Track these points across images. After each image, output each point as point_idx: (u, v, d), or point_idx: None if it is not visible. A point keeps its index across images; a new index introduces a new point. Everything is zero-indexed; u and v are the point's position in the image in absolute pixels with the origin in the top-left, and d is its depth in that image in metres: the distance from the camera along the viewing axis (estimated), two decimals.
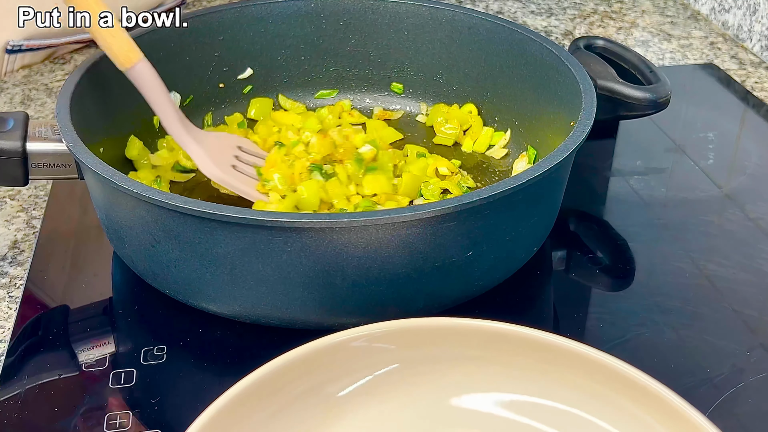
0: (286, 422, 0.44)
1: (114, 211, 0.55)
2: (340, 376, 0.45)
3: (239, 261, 0.50)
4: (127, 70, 0.61)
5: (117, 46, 0.60)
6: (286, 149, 0.67)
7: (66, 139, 0.54)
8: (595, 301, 0.61)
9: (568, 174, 0.60)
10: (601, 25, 1.02)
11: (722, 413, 0.50)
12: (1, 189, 0.70)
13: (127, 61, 0.60)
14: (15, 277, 0.61)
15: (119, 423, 0.49)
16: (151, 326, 0.56)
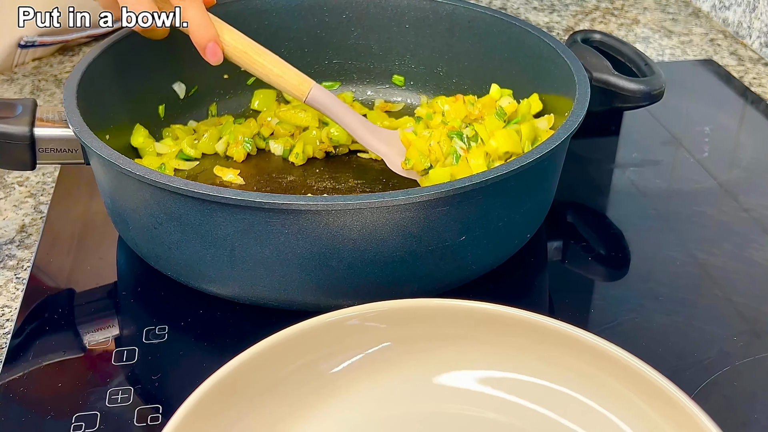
0: (282, 397, 0.46)
1: (118, 194, 0.56)
2: (334, 354, 0.47)
3: (238, 243, 0.51)
4: (306, 101, 0.66)
5: (289, 84, 0.65)
6: (423, 123, 0.69)
7: (72, 124, 0.56)
8: (590, 289, 0.62)
9: (561, 162, 0.61)
10: (602, 22, 1.03)
11: (708, 395, 0.51)
12: (10, 176, 0.72)
13: (301, 94, 0.65)
14: (22, 259, 0.62)
15: (121, 398, 0.50)
16: (154, 307, 0.58)
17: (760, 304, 0.59)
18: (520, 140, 0.64)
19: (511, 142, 0.64)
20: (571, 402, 0.46)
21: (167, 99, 0.73)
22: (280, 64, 0.66)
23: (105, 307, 0.58)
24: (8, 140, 0.57)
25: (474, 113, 0.67)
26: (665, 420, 0.43)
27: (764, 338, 0.56)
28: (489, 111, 0.67)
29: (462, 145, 0.64)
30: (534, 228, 0.61)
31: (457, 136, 0.64)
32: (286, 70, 0.66)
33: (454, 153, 0.64)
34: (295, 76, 0.66)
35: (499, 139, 0.64)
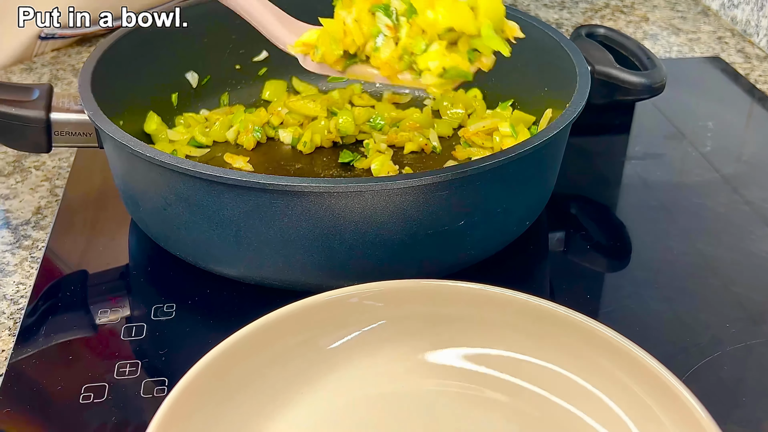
0: (282, 370, 0.47)
1: (130, 176, 0.58)
2: (332, 331, 0.49)
3: (244, 223, 0.53)
4: None
5: None
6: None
7: (87, 108, 0.58)
8: (589, 277, 0.63)
9: (561, 151, 0.63)
10: (611, 19, 1.04)
11: (698, 377, 0.52)
12: (28, 160, 0.74)
13: None
14: (37, 239, 0.64)
15: (129, 371, 0.52)
16: (163, 286, 0.60)
17: (755, 294, 0.60)
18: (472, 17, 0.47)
19: (458, 16, 0.47)
20: (562, 380, 0.47)
21: (180, 88, 0.75)
22: None
23: (116, 287, 0.60)
24: (25, 123, 0.59)
25: None
26: (653, 399, 0.44)
27: (757, 326, 0.57)
28: None
29: (387, 23, 0.49)
30: (533, 216, 0.62)
31: (383, 10, 0.49)
32: None
33: (378, 35, 0.49)
34: None
35: (441, 8, 0.47)
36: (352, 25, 0.50)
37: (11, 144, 0.60)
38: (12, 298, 0.58)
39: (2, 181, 0.71)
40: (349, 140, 0.74)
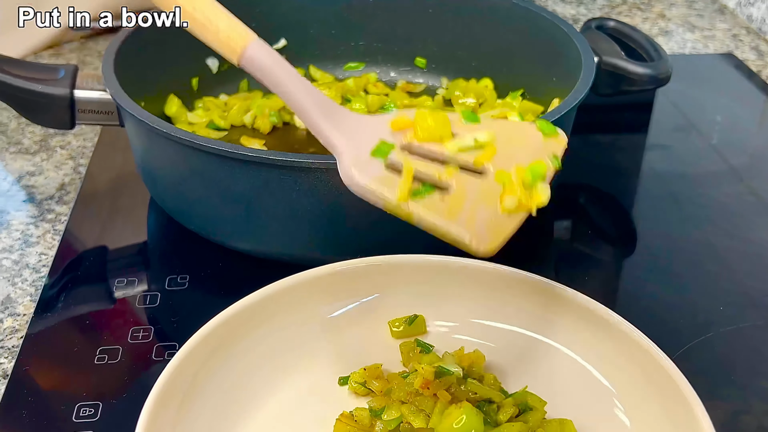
0: (284, 336, 0.50)
1: (148, 152, 0.61)
2: (332, 301, 0.51)
3: (254, 198, 0.56)
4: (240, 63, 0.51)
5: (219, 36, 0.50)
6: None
7: (109, 87, 0.61)
8: (591, 263, 0.65)
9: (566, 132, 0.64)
10: (628, 15, 1.06)
11: (689, 356, 0.54)
12: (53, 140, 0.77)
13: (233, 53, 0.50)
14: (60, 213, 0.67)
15: (142, 336, 0.55)
16: (177, 259, 0.62)
17: (751, 280, 0.61)
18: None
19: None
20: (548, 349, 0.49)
21: (201, 73, 0.78)
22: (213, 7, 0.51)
23: (134, 260, 0.63)
24: (50, 100, 0.62)
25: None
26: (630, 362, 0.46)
27: (750, 309, 0.58)
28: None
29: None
30: None
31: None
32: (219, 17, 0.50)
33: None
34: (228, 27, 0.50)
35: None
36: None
37: (37, 120, 0.63)
38: (34, 267, 0.61)
39: (28, 158, 0.75)
40: None
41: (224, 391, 0.46)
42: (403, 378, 0.48)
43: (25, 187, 0.71)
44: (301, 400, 0.48)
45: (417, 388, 0.46)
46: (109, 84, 0.61)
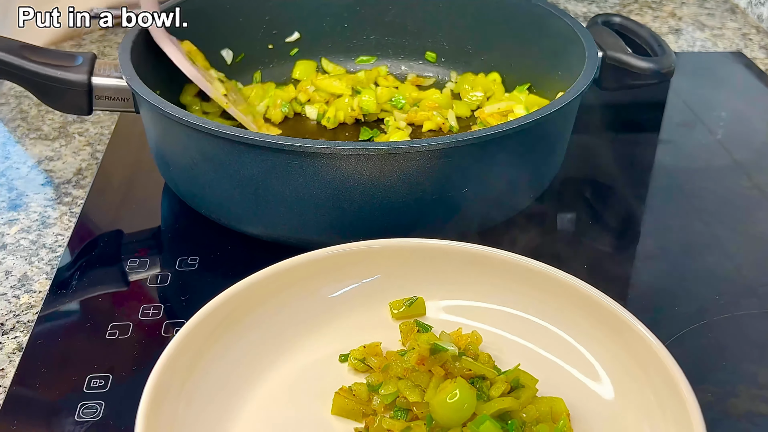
0: (287, 315, 0.52)
1: (162, 137, 0.63)
2: (333, 281, 0.53)
3: (262, 182, 0.58)
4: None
5: None
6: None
7: (125, 73, 0.63)
8: (591, 252, 0.66)
9: (566, 129, 0.66)
10: (639, 14, 1.07)
11: (682, 342, 0.55)
12: (72, 127, 0.80)
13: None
14: (77, 197, 0.70)
15: (152, 313, 0.57)
16: (188, 241, 0.64)
17: (747, 270, 0.62)
18: None
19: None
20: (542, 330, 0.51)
21: (216, 63, 0.79)
22: None
23: (146, 241, 0.65)
24: (68, 86, 0.64)
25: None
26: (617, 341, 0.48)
27: (745, 299, 0.59)
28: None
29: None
30: (538, 190, 0.66)
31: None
32: None
33: None
34: None
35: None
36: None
37: (55, 105, 0.65)
38: (51, 247, 0.64)
39: (48, 144, 0.77)
40: (371, 118, 0.78)
41: (229, 364, 0.48)
42: (401, 356, 0.49)
43: (44, 172, 0.73)
44: (303, 374, 0.50)
45: (413, 364, 0.47)
46: (125, 71, 0.63)
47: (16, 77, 0.64)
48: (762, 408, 0.51)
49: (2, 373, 0.53)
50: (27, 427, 0.48)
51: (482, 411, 0.44)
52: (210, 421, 0.46)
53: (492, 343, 0.52)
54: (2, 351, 0.54)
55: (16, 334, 0.56)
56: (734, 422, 0.50)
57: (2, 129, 0.80)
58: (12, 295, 0.59)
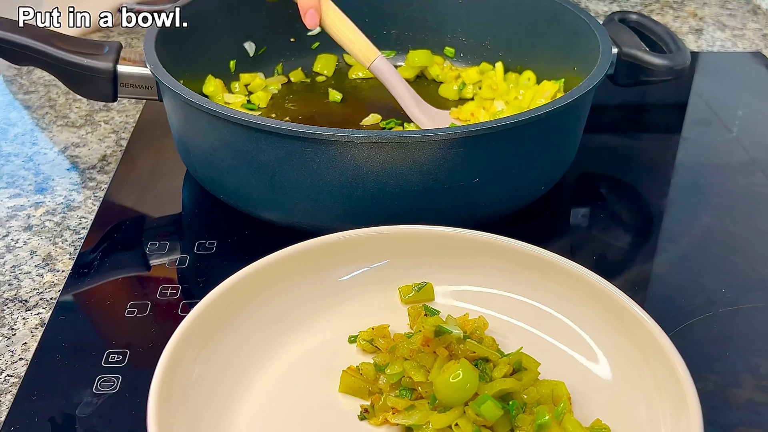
0: (297, 296, 0.53)
1: (183, 124, 0.65)
2: (343, 265, 0.54)
3: (278, 169, 0.59)
4: (369, 68, 0.76)
5: (358, 50, 0.75)
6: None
7: (149, 62, 0.65)
8: (601, 245, 0.67)
9: (577, 123, 0.67)
10: (660, 13, 1.07)
11: (688, 332, 0.56)
12: (98, 115, 0.82)
13: (366, 61, 0.75)
14: (101, 182, 0.72)
15: (170, 293, 0.59)
16: (207, 226, 0.66)
17: (755, 264, 0.63)
18: None
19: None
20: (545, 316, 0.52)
21: (238, 55, 0.82)
22: (355, 32, 0.76)
23: (166, 226, 0.67)
24: (94, 74, 0.66)
25: None
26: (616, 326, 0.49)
27: (752, 292, 0.60)
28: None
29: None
30: (549, 182, 0.67)
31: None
32: (359, 38, 0.76)
33: None
34: (365, 44, 0.76)
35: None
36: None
37: (82, 92, 0.68)
38: (75, 229, 0.66)
39: (74, 131, 0.79)
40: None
41: (241, 340, 0.50)
42: (408, 338, 0.51)
43: (70, 157, 0.75)
44: (313, 353, 0.52)
45: (418, 345, 0.49)
46: (149, 59, 0.65)
47: (45, 64, 0.66)
48: (763, 398, 0.52)
49: (25, 347, 0.55)
50: (47, 398, 0.50)
51: (484, 391, 0.46)
52: (221, 393, 0.47)
53: (497, 328, 0.53)
54: (25, 326, 0.56)
55: (39, 311, 0.58)
56: (735, 410, 0.51)
57: (31, 116, 0.82)
58: (36, 274, 0.61)
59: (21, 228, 0.66)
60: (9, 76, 0.90)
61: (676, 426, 0.43)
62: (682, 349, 0.47)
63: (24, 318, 0.57)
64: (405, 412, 0.47)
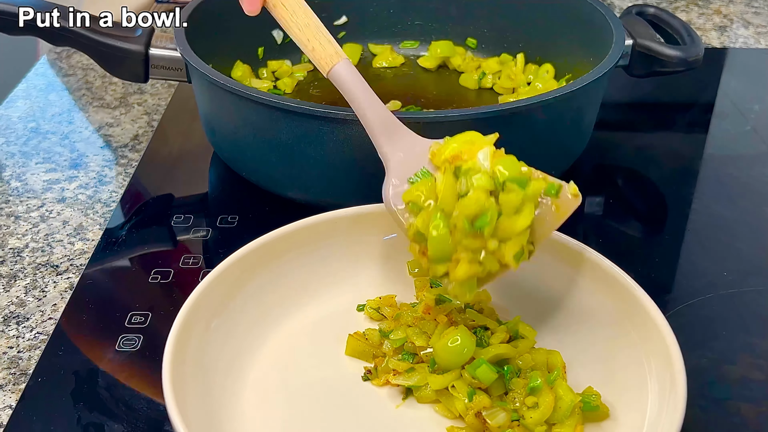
0: (313, 266, 0.56)
1: (209, 103, 0.68)
2: (352, 238, 0.57)
3: (297, 147, 0.62)
4: (327, 76, 0.56)
5: (315, 53, 0.56)
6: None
7: (179, 44, 0.68)
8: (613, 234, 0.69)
9: (587, 110, 0.69)
10: (684, 10, 1.09)
11: (686, 312, 0.58)
12: (132, 98, 0.86)
13: (324, 67, 0.56)
14: (132, 159, 0.75)
15: (192, 262, 0.62)
16: (230, 203, 0.69)
17: (758, 250, 0.65)
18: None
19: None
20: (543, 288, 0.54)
21: (266, 43, 0.85)
22: (312, 28, 0.58)
23: (191, 201, 0.70)
24: (127, 55, 0.70)
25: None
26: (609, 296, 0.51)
27: (753, 277, 0.62)
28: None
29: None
30: (561, 167, 0.69)
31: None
32: (317, 37, 0.57)
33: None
34: (323, 46, 0.57)
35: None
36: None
37: (115, 72, 0.71)
38: (105, 202, 0.69)
39: (109, 112, 0.83)
40: None
41: (255, 304, 0.53)
42: (412, 307, 0.53)
43: (104, 136, 0.79)
44: (323, 319, 0.54)
45: (420, 313, 0.51)
46: (179, 42, 0.68)
47: (82, 45, 0.70)
48: (756, 375, 0.53)
49: (54, 308, 0.58)
50: (72, 354, 0.54)
51: (480, 356, 0.48)
52: (234, 351, 0.51)
53: (499, 300, 0.55)
54: (56, 289, 0.60)
55: (69, 275, 0.61)
56: (727, 386, 0.52)
57: (69, 97, 0.86)
58: (67, 242, 0.65)
59: (55, 200, 0.70)
60: (50, 60, 0.94)
61: (662, 390, 0.45)
62: (680, 327, 0.49)
63: (55, 282, 0.61)
64: (405, 374, 0.49)
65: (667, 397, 0.44)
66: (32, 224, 0.67)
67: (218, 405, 0.48)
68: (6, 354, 0.54)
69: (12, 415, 0.50)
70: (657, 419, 0.44)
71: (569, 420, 0.46)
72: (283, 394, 0.50)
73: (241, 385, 0.50)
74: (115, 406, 0.50)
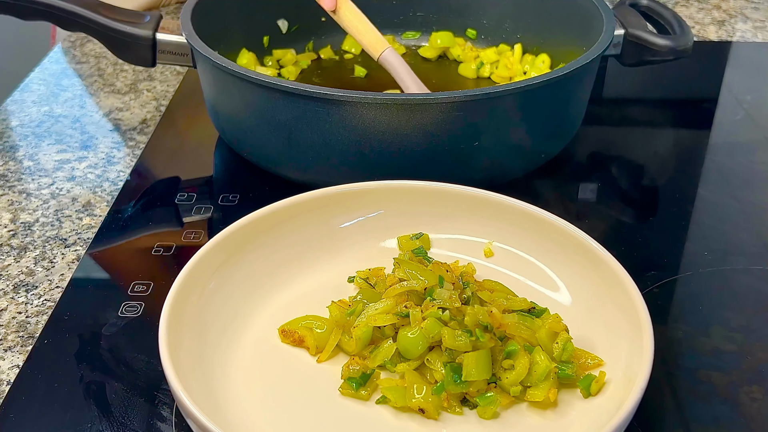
0: (300, 239, 0.59)
1: (212, 86, 0.71)
2: (342, 214, 0.60)
3: (294, 127, 0.65)
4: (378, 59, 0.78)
5: (368, 41, 0.78)
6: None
7: (185, 30, 0.71)
8: (602, 215, 0.71)
9: (576, 97, 0.71)
10: (684, 5, 1.10)
11: (665, 288, 0.60)
12: (142, 83, 0.89)
13: (375, 52, 0.77)
14: (140, 141, 0.78)
15: (193, 236, 0.65)
16: (231, 182, 0.72)
17: (740, 232, 0.67)
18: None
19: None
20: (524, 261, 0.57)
21: (271, 32, 0.88)
22: (366, 23, 0.78)
23: (195, 180, 0.73)
24: (135, 40, 0.73)
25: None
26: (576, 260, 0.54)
27: (733, 256, 0.64)
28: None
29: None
30: (550, 152, 0.71)
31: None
32: (369, 30, 0.78)
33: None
34: (374, 36, 0.78)
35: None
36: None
37: (123, 56, 0.74)
38: (113, 181, 0.72)
39: (119, 97, 0.86)
40: None
41: (250, 273, 0.56)
42: None
43: (113, 120, 0.82)
44: (315, 291, 0.57)
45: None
46: (185, 28, 0.71)
47: (92, 30, 0.73)
48: (728, 346, 0.55)
49: (62, 277, 0.61)
50: (77, 318, 0.57)
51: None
52: (228, 318, 0.53)
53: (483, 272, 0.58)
54: (63, 260, 0.63)
55: (76, 248, 0.64)
56: (700, 356, 0.55)
57: (81, 83, 0.90)
58: (76, 218, 0.68)
59: (65, 178, 0.73)
60: (65, 48, 0.98)
61: (632, 343, 0.48)
62: (658, 303, 0.52)
63: (63, 254, 0.64)
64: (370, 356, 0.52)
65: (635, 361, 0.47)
66: (43, 200, 0.70)
67: (213, 365, 0.50)
68: (15, 319, 0.57)
69: (19, 373, 0.53)
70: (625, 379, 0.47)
71: (543, 383, 0.49)
72: (276, 355, 0.52)
73: (235, 346, 0.52)
74: (116, 366, 0.53)
